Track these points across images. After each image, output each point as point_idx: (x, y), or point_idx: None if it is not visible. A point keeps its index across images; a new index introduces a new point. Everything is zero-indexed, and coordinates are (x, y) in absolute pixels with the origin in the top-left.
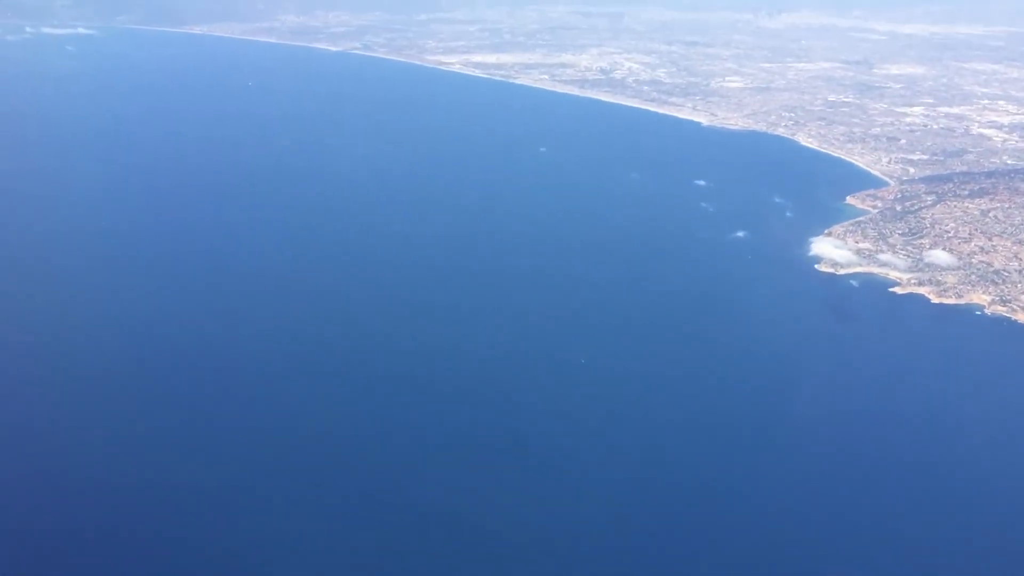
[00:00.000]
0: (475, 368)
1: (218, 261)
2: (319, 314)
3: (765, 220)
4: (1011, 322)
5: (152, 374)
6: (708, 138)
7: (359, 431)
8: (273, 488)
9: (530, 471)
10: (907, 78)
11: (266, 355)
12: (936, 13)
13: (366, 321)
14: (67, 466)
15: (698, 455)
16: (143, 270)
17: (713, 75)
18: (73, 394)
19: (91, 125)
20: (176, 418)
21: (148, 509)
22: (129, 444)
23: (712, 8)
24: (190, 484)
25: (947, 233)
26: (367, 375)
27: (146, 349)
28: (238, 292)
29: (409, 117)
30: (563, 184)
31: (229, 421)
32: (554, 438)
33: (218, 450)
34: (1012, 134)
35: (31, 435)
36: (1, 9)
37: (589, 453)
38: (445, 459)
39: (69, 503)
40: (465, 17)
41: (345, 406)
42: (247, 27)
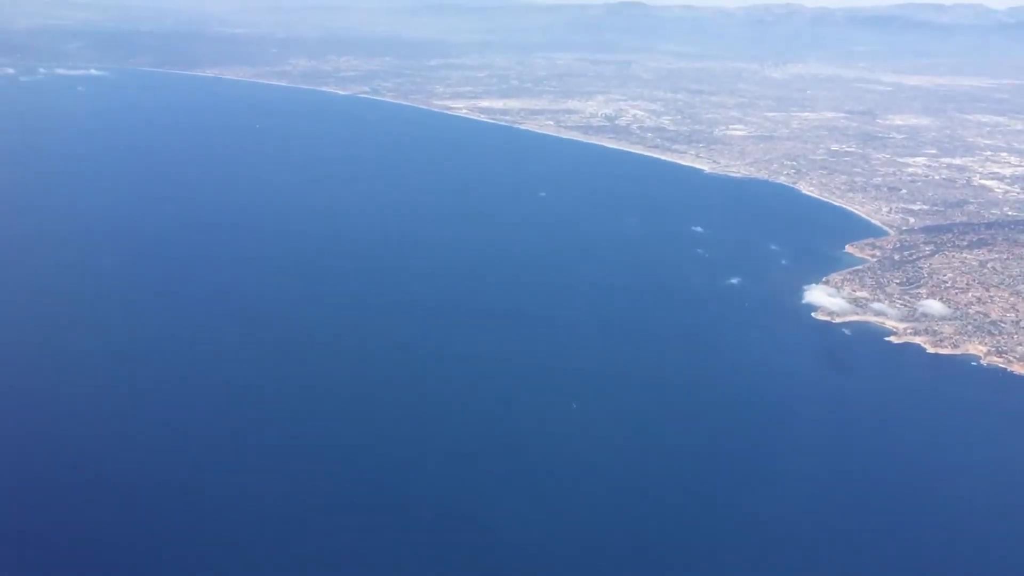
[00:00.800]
0: (464, 406)
1: (215, 297)
2: (311, 359)
3: (760, 267)
4: (1006, 373)
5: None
6: (709, 185)
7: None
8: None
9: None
10: (910, 129)
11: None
12: (942, 66)
13: (355, 362)
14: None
15: (692, 506)
16: (140, 316)
17: (717, 123)
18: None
19: (95, 164)
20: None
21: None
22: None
23: (719, 58)
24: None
25: (945, 283)
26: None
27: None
28: (239, 321)
29: (411, 160)
30: (559, 228)
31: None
32: (538, 487)
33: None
34: (1014, 186)
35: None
36: (18, 51)
37: (577, 498)
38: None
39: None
40: (474, 63)
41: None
42: (258, 70)
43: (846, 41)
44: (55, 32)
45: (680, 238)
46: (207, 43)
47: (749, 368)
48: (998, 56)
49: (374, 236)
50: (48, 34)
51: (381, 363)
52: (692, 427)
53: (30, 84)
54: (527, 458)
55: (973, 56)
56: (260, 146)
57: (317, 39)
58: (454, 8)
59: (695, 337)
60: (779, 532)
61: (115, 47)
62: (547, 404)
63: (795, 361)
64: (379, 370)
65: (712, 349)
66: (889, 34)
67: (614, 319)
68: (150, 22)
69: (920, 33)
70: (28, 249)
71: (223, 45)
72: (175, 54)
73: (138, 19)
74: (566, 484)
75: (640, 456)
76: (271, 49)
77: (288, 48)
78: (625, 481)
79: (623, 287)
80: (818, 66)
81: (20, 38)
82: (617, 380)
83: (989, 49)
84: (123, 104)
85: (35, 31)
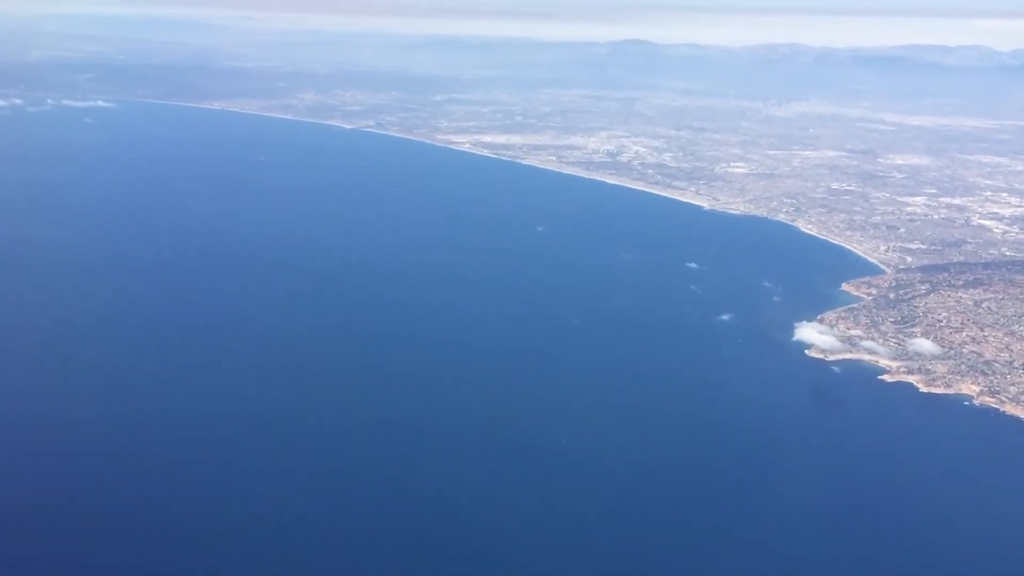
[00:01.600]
0: (452, 442)
1: (212, 327)
2: (300, 400)
3: (753, 304)
4: (999, 413)
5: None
6: (707, 222)
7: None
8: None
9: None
10: (911, 168)
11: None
12: (945, 106)
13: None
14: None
15: (681, 544)
16: (137, 351)
17: (719, 160)
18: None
19: (97, 195)
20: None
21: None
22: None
23: (723, 96)
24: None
25: (939, 322)
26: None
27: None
28: (241, 355)
29: (410, 193)
30: (553, 262)
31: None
32: (527, 523)
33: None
34: (1012, 226)
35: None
36: (28, 82)
37: (565, 539)
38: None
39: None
40: (479, 99)
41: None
42: (265, 104)
43: (850, 80)
44: (66, 64)
45: (674, 274)
46: (215, 76)
47: (738, 405)
48: (1001, 98)
49: (366, 268)
50: (58, 66)
51: (360, 390)
52: (680, 464)
53: (37, 115)
54: (515, 488)
55: (976, 97)
56: (262, 178)
57: (324, 74)
58: (461, 44)
59: (683, 373)
60: (771, 570)
61: (124, 79)
62: (535, 438)
63: (785, 398)
64: (357, 398)
65: (701, 385)
66: (893, 74)
67: (602, 353)
68: (160, 55)
69: (924, 74)
70: (22, 276)
71: (231, 78)
72: (183, 87)
73: (148, 52)
74: (550, 520)
75: (628, 491)
76: (278, 83)
77: (295, 82)
78: (612, 517)
79: (613, 321)
80: (821, 105)
81: (31, 70)
82: (604, 415)
83: (993, 90)
84: (128, 135)
85: (46, 63)
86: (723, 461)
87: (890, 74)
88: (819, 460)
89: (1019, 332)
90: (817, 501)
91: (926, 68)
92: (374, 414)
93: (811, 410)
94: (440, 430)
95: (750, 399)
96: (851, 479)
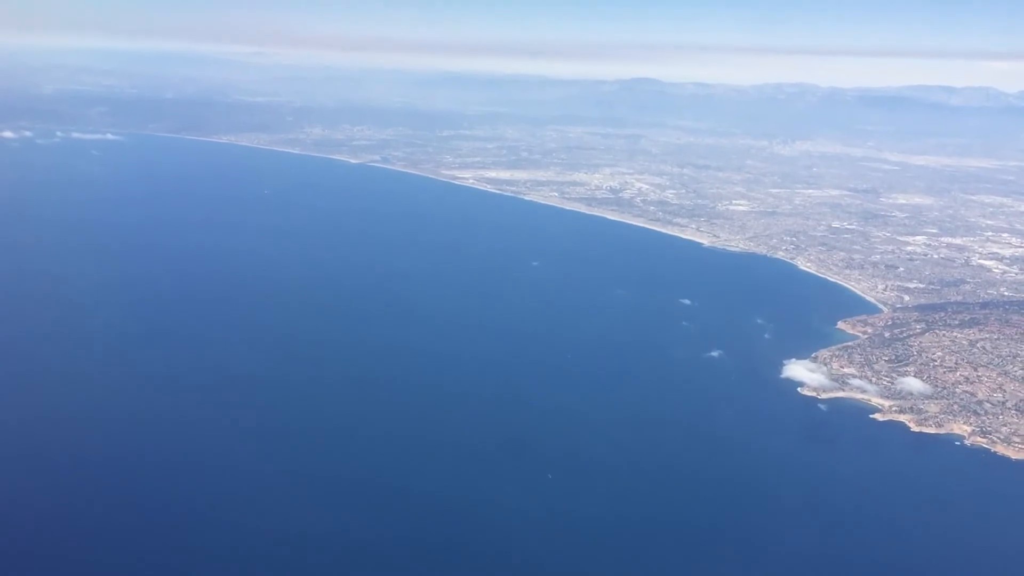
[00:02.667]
0: (438, 472)
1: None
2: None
3: (743, 341)
4: (989, 454)
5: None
6: (706, 258)
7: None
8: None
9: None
10: (913, 208)
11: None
12: (949, 146)
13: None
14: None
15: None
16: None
17: (721, 198)
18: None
19: (90, 225)
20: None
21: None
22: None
23: (729, 134)
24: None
25: (933, 361)
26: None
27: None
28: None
29: (409, 226)
30: (544, 297)
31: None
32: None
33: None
34: (1012, 266)
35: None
36: (41, 115)
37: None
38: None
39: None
40: (486, 135)
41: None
42: (272, 138)
43: (856, 120)
44: (79, 97)
45: (666, 310)
46: (225, 110)
47: (723, 442)
48: (1006, 138)
49: (354, 299)
50: (72, 99)
51: (352, 428)
52: (666, 503)
53: (46, 147)
54: (498, 524)
55: (981, 138)
56: (263, 210)
57: (334, 108)
58: (470, 81)
59: (667, 410)
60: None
61: (136, 113)
62: (522, 474)
63: (771, 436)
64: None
65: (685, 423)
66: (899, 114)
67: (585, 389)
68: (172, 90)
69: (930, 114)
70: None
71: (240, 113)
72: (193, 120)
73: (161, 87)
74: (533, 562)
75: (612, 531)
76: (287, 117)
77: (304, 117)
78: (597, 558)
79: (600, 357)
80: (826, 144)
81: (45, 103)
82: (587, 451)
83: (998, 131)
84: (132, 168)
85: (60, 96)
86: (708, 498)
87: (896, 114)
88: (805, 498)
89: (1013, 372)
90: (804, 540)
91: (932, 108)
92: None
93: (799, 448)
94: (422, 465)
95: (735, 436)
96: (837, 517)
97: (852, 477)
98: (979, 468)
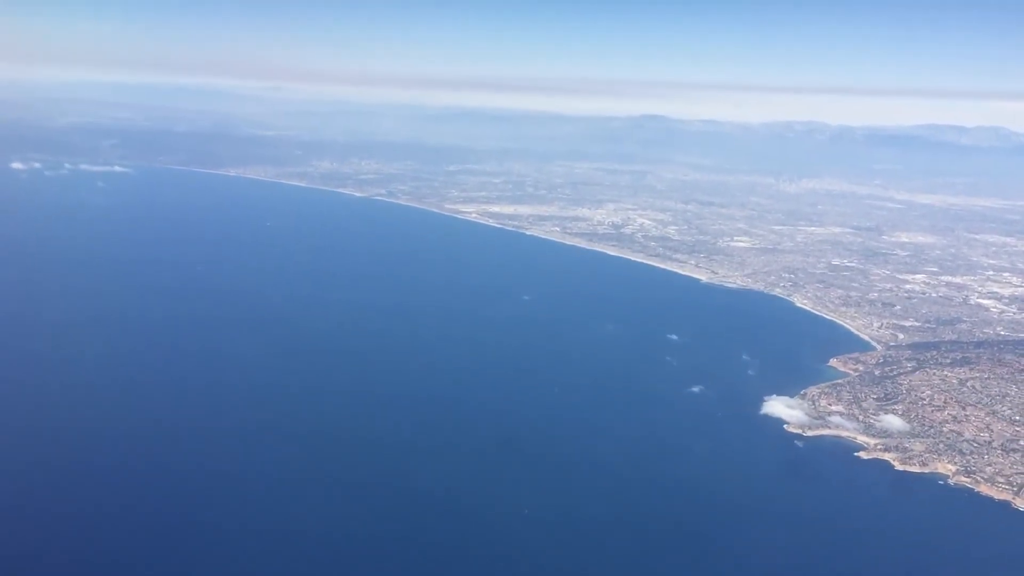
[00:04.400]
0: (419, 503)
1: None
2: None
3: (725, 377)
4: (973, 493)
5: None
6: (701, 294)
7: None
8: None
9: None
10: (915, 246)
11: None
12: (957, 185)
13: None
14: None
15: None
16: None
17: (723, 234)
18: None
19: (83, 255)
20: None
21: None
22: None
23: (736, 171)
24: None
25: (922, 400)
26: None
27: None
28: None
29: (405, 260)
30: (530, 332)
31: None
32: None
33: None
34: (1011, 306)
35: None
36: (52, 147)
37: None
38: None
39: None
40: (493, 170)
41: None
42: (280, 171)
43: (865, 159)
44: (93, 130)
45: (652, 345)
46: (235, 144)
47: (700, 479)
48: (1016, 178)
49: (337, 330)
50: (86, 132)
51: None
52: (632, 548)
53: (53, 178)
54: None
55: (990, 177)
56: (264, 242)
57: (343, 143)
58: (481, 116)
59: (641, 446)
60: None
61: (147, 145)
62: (497, 508)
63: (748, 473)
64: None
65: (661, 459)
66: (908, 153)
67: (559, 421)
68: (185, 123)
69: (940, 153)
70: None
71: (251, 146)
72: (202, 153)
73: (175, 120)
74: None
75: (589, 563)
76: (296, 151)
77: (313, 150)
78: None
79: (578, 390)
80: (833, 182)
81: (59, 135)
82: (566, 484)
83: (1007, 171)
84: (135, 199)
85: (75, 129)
86: (677, 538)
87: (905, 153)
88: (778, 538)
89: (1001, 412)
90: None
91: (942, 148)
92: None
93: (776, 485)
94: (401, 497)
95: (711, 474)
96: (811, 557)
97: (831, 515)
98: (961, 508)
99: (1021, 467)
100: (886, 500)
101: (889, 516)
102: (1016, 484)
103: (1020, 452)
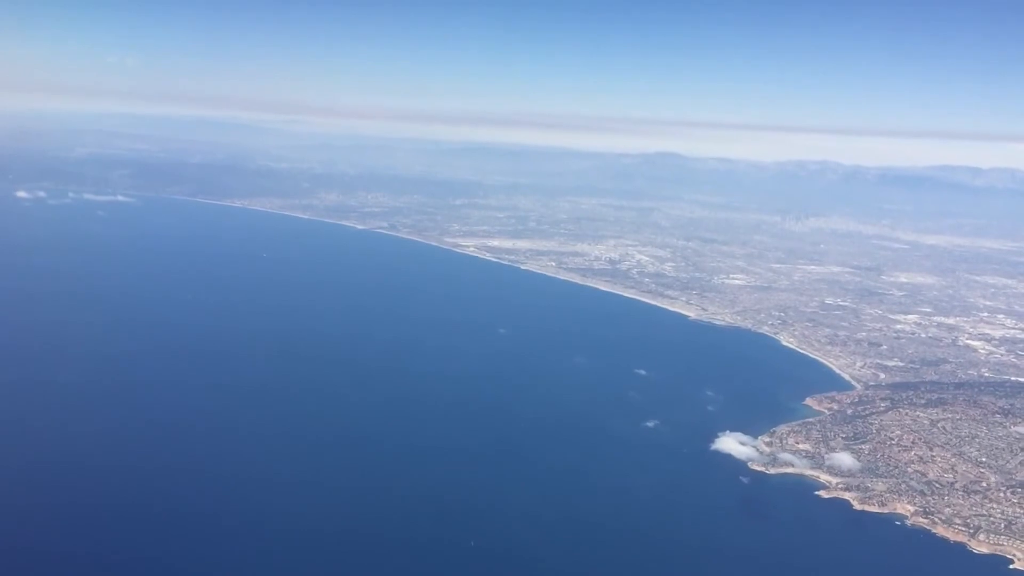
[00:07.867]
0: (362, 545)
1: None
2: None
3: (685, 413)
4: (929, 534)
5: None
6: (685, 331)
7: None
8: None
9: None
10: (912, 286)
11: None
12: (966, 227)
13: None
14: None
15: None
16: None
17: (719, 272)
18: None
19: (81, 287)
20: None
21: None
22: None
23: (743, 209)
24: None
25: (891, 440)
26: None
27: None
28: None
29: (393, 291)
30: (499, 364)
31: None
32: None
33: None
34: (999, 347)
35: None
36: (62, 176)
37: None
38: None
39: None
40: (498, 204)
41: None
42: (284, 202)
43: (876, 199)
44: (107, 160)
45: (618, 379)
46: (245, 175)
47: (643, 516)
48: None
49: (298, 359)
50: (98, 162)
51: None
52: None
53: (55, 207)
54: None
55: (1000, 219)
56: (257, 272)
57: (353, 175)
58: (492, 151)
59: (589, 480)
60: None
61: (157, 176)
62: (445, 540)
63: (701, 511)
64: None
65: (610, 494)
66: (920, 193)
67: (511, 454)
68: (199, 155)
69: (952, 194)
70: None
71: (260, 178)
72: (211, 184)
73: (188, 151)
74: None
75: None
76: (304, 183)
77: (321, 183)
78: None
79: (532, 423)
80: (841, 221)
81: (71, 165)
82: (508, 517)
83: (1019, 213)
84: (132, 229)
85: (88, 159)
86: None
87: (917, 193)
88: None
89: (968, 453)
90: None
91: (955, 189)
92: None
93: (727, 523)
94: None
95: (653, 511)
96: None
97: (782, 554)
98: (914, 549)
99: (981, 509)
100: (839, 540)
101: (840, 556)
102: (973, 526)
103: (981, 494)
